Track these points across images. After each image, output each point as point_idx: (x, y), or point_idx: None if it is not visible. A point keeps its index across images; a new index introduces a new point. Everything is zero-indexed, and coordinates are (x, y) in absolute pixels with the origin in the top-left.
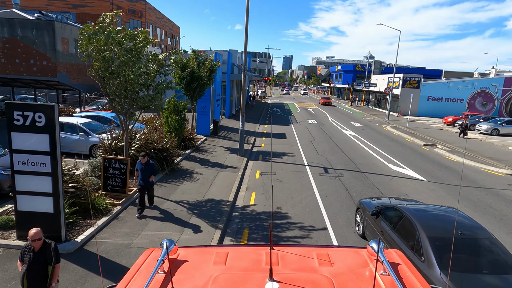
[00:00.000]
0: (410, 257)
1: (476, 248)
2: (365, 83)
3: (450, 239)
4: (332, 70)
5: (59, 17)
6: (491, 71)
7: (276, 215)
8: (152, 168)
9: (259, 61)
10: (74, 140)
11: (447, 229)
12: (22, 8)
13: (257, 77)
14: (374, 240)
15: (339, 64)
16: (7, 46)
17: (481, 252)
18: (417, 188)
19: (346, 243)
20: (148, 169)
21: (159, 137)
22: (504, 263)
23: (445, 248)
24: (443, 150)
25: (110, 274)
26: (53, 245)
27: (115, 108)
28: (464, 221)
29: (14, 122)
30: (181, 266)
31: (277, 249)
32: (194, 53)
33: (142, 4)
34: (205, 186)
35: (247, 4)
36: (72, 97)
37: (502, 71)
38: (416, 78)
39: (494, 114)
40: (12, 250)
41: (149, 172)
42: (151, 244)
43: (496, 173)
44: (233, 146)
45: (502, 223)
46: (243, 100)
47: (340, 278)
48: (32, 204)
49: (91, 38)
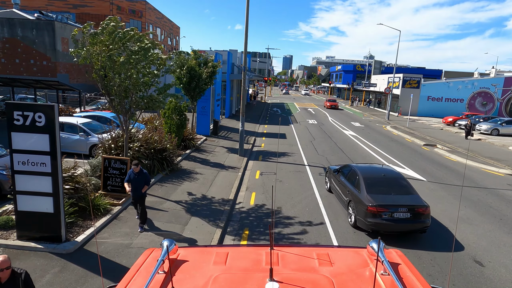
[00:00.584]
0: (353, 190)
1: (390, 182)
2: (365, 83)
3: (375, 178)
4: (332, 70)
5: (59, 17)
6: (491, 71)
7: (276, 215)
8: (146, 178)
9: (259, 61)
10: (74, 140)
11: (374, 174)
12: (22, 8)
13: (257, 77)
14: (374, 240)
15: (339, 64)
16: (7, 46)
17: (393, 184)
18: (417, 188)
19: (346, 243)
20: (141, 179)
21: (159, 137)
22: (405, 189)
23: (372, 183)
24: (443, 150)
25: (110, 274)
26: (23, 276)
27: (115, 108)
28: (387, 170)
29: (14, 122)
30: (181, 266)
31: (277, 249)
32: (194, 53)
33: (142, 4)
34: (205, 186)
35: (247, 4)
36: (72, 97)
37: (502, 71)
38: (416, 78)
39: (494, 114)
40: (12, 250)
41: (142, 182)
42: (151, 244)
43: (496, 173)
44: (233, 146)
45: (502, 223)
46: (243, 100)
47: (340, 278)
48: (32, 204)
49: (95, 38)
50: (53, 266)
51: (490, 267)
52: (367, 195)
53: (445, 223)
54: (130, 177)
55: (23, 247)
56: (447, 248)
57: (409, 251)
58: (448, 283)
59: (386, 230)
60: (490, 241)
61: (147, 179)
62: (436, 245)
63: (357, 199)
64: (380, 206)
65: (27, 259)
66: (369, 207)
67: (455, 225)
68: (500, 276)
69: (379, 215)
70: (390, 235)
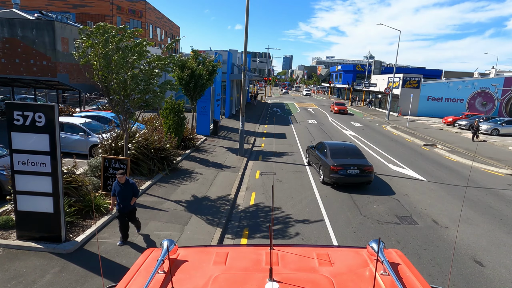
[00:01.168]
0: (323, 158)
1: (348, 151)
2: (365, 83)
3: (337, 149)
4: (332, 70)
5: (59, 17)
6: (491, 71)
7: (276, 215)
8: (133, 189)
9: (259, 61)
10: (74, 140)
11: (337, 146)
12: (22, 8)
13: (257, 77)
14: (374, 240)
15: (339, 64)
16: (7, 46)
17: (350, 152)
18: (417, 188)
19: (346, 243)
20: (129, 191)
21: (159, 137)
22: (357, 155)
23: (335, 152)
24: (443, 150)
25: (110, 274)
26: None
27: (115, 108)
28: (348, 143)
29: (14, 122)
30: (181, 266)
31: (277, 249)
32: (194, 53)
33: (142, 4)
34: (205, 186)
35: (247, 4)
36: (72, 97)
37: (502, 71)
38: (416, 78)
39: (494, 114)
40: (12, 250)
41: (130, 194)
42: (151, 244)
43: (496, 173)
44: (233, 146)
45: (502, 223)
46: (243, 100)
47: (340, 278)
48: (32, 204)
49: (91, 35)
50: (53, 266)
51: (490, 267)
52: (331, 159)
53: (445, 223)
54: (115, 189)
55: (23, 247)
56: (447, 248)
57: (409, 251)
58: (448, 283)
59: (342, 182)
60: (490, 241)
61: (135, 190)
62: (436, 245)
63: (325, 163)
64: (338, 165)
65: (27, 259)
66: (331, 166)
67: (455, 225)
68: (500, 276)
69: (337, 172)
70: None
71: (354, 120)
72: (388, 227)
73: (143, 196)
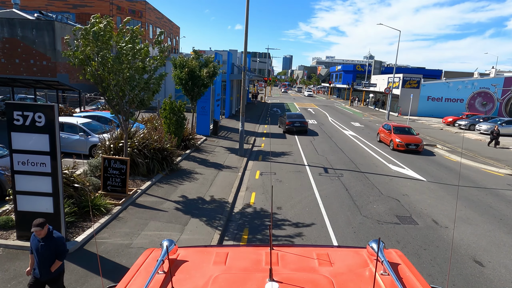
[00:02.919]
0: (284, 119)
1: (298, 116)
2: (365, 83)
3: (292, 115)
4: (332, 70)
5: (59, 17)
6: (491, 71)
7: (276, 215)
8: (58, 247)
9: (259, 61)
10: (74, 140)
11: (292, 113)
12: (22, 8)
13: (257, 77)
14: (374, 240)
15: (339, 64)
16: (7, 46)
17: (299, 116)
18: (417, 188)
19: (346, 243)
20: (51, 249)
21: (159, 137)
22: (301, 117)
23: (290, 116)
24: (443, 150)
25: (110, 274)
26: None
27: (114, 108)
28: (298, 113)
29: (14, 122)
30: (181, 266)
31: (277, 249)
32: (195, 53)
33: (142, 4)
34: (205, 186)
35: (247, 4)
36: (72, 97)
37: (502, 71)
38: (416, 78)
39: (494, 114)
40: (12, 250)
41: (52, 254)
42: (151, 244)
43: (496, 173)
44: (233, 146)
45: (502, 223)
46: (243, 100)
47: (340, 278)
48: (32, 204)
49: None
50: None
51: (490, 267)
52: (287, 118)
53: (445, 223)
54: (31, 246)
55: (23, 247)
56: (447, 248)
57: (409, 251)
58: (447, 283)
59: (291, 130)
60: (490, 241)
61: (61, 249)
62: (436, 245)
63: (285, 121)
64: (290, 121)
65: (27, 259)
66: (287, 122)
67: (456, 225)
68: (500, 276)
69: (289, 125)
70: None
71: (354, 120)
72: (388, 227)
73: (142, 196)
